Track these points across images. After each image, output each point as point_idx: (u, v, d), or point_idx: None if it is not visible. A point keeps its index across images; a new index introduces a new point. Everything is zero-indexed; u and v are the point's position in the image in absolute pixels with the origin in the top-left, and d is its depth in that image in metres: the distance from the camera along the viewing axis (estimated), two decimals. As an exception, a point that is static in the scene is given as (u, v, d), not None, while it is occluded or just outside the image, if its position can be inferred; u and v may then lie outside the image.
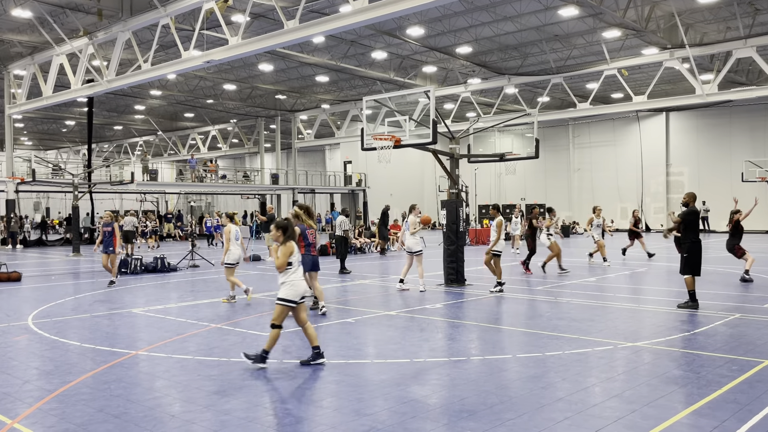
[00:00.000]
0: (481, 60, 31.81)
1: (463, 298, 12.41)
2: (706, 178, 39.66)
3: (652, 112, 41.07)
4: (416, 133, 14.65)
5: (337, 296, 12.89)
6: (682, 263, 10.62)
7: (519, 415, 5.39)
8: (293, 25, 17.49)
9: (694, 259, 10.49)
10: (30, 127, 52.02)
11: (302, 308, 7.10)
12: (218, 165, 47.80)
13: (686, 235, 10.57)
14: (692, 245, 10.51)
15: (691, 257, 10.49)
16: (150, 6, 21.33)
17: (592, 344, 8.07)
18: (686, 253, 10.53)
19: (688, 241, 10.54)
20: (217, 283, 14.99)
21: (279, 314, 6.98)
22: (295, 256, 7.04)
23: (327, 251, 23.32)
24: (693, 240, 10.52)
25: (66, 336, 8.63)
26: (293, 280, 7.00)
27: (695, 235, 10.54)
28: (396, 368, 7.01)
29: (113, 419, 5.38)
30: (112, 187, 35.54)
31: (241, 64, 32.19)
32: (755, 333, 8.59)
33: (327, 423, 5.26)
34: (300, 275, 7.11)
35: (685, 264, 10.53)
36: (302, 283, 7.07)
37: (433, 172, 46.59)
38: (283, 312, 6.98)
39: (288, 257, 6.97)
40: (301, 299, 7.05)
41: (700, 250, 10.56)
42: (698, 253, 10.54)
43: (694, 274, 10.51)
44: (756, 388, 6.05)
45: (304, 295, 7.10)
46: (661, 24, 26.05)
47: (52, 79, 26.13)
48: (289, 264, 7.00)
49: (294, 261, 7.04)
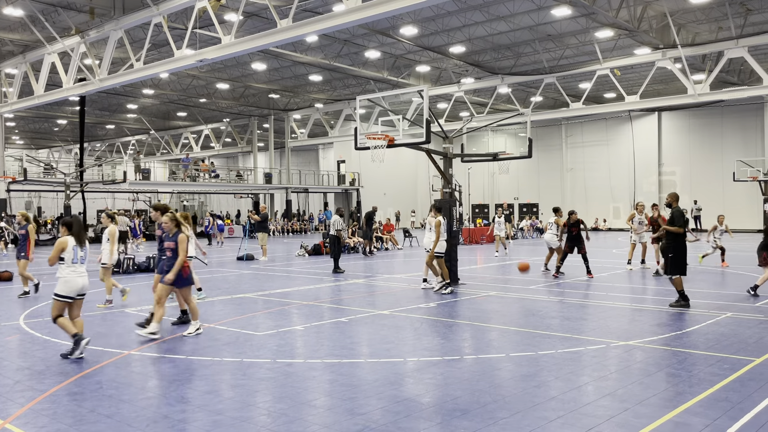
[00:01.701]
0: (475, 59, 31.85)
1: (457, 297, 12.42)
2: (698, 178, 39.87)
3: (644, 112, 41.25)
4: (410, 133, 14.67)
5: (331, 296, 12.89)
6: (668, 264, 10.67)
7: (512, 413, 5.40)
8: (286, 24, 17.45)
9: (679, 259, 10.55)
10: (21, 126, 51.74)
11: (78, 304, 7.49)
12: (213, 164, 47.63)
13: (671, 236, 10.61)
14: (678, 246, 10.57)
15: (676, 257, 10.54)
16: (142, 4, 21.24)
17: (585, 343, 8.10)
18: (671, 254, 10.58)
19: (674, 242, 10.58)
20: (210, 282, 14.95)
21: (55, 308, 7.39)
22: (68, 252, 7.32)
23: (321, 251, 23.37)
24: (679, 241, 10.58)
25: (58, 336, 8.58)
26: (67, 276, 7.30)
27: (681, 235, 10.59)
28: (389, 367, 7.01)
29: (105, 419, 5.36)
30: (104, 186, 35.40)
31: (234, 63, 32.12)
32: (746, 332, 8.64)
33: (320, 422, 5.25)
34: (78, 272, 7.37)
35: (672, 265, 10.58)
36: (79, 280, 7.36)
37: (426, 171, 46.65)
38: (58, 307, 7.39)
39: (59, 252, 7.29)
40: (80, 295, 7.41)
41: (685, 250, 10.62)
42: (684, 252, 10.60)
43: (681, 273, 10.57)
44: (747, 387, 6.09)
45: (82, 292, 7.43)
46: (653, 24, 26.15)
47: (44, 78, 26.00)
48: (61, 259, 7.32)
49: (66, 257, 7.32)
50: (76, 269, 7.40)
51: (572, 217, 15.70)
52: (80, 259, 7.47)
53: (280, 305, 11.51)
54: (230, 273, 17.51)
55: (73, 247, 7.40)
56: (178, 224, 8.64)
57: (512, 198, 47.18)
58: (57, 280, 7.43)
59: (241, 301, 12.06)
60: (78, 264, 7.44)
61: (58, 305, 7.38)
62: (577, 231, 15.52)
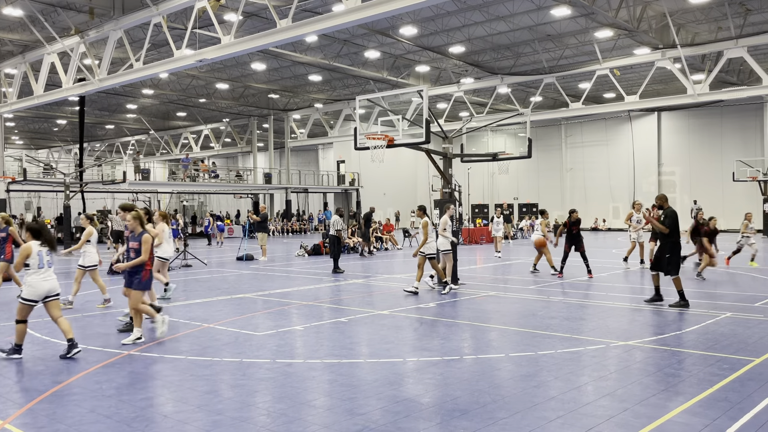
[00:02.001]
0: (474, 59, 31.85)
1: (456, 297, 12.42)
2: (698, 178, 39.87)
3: (643, 112, 41.24)
4: (409, 133, 14.67)
5: (330, 296, 12.88)
6: (665, 264, 10.69)
7: (512, 414, 5.40)
8: (286, 24, 17.45)
9: (676, 258, 10.61)
10: (21, 126, 51.71)
11: (52, 306, 7.53)
12: (214, 164, 47.62)
13: (667, 236, 10.66)
14: (674, 245, 10.63)
15: (673, 257, 10.59)
16: (142, 4, 21.22)
17: (585, 343, 8.10)
18: (669, 254, 10.63)
19: (670, 242, 10.64)
20: (210, 283, 14.95)
21: (20, 311, 7.50)
22: (32, 258, 7.41)
23: (320, 251, 23.36)
24: (674, 240, 10.63)
25: (57, 336, 8.57)
26: (32, 281, 7.42)
27: (677, 235, 10.66)
28: (389, 367, 7.00)
29: (105, 419, 5.36)
30: (104, 186, 35.38)
31: (234, 63, 32.11)
32: (746, 331, 8.64)
33: (320, 423, 5.25)
34: (44, 277, 7.45)
35: (669, 264, 10.63)
36: (44, 284, 7.44)
37: (426, 171, 46.61)
38: (23, 310, 7.49)
39: (25, 259, 7.40)
40: (46, 298, 7.48)
41: (680, 250, 10.68)
42: (679, 252, 10.67)
43: (676, 273, 10.63)
44: (747, 387, 6.09)
45: (49, 295, 7.48)
46: (652, 24, 26.15)
47: (44, 78, 25.97)
48: (26, 265, 7.43)
49: (32, 262, 7.41)
50: (41, 273, 7.46)
51: (573, 216, 15.79)
52: (47, 263, 7.53)
53: (279, 305, 11.51)
54: (230, 273, 17.50)
55: (37, 252, 7.46)
56: (143, 223, 8.67)
57: (512, 198, 47.17)
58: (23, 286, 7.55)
59: (240, 301, 12.06)
60: (44, 269, 7.49)
61: (23, 308, 7.51)
62: (577, 230, 15.61)
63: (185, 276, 16.75)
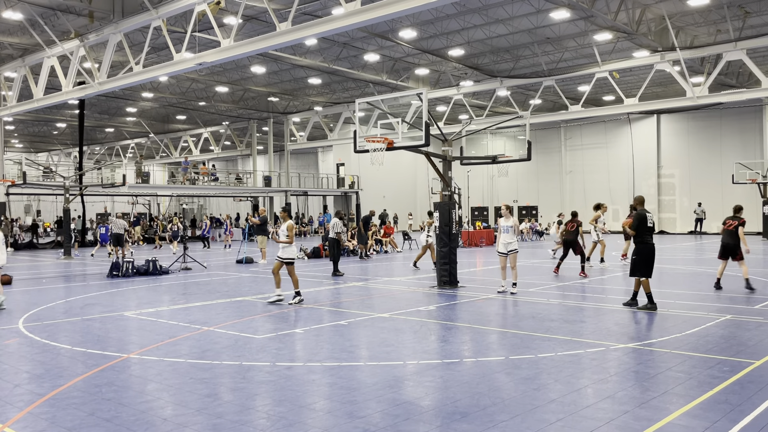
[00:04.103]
0: (474, 62, 31.89)
1: (456, 300, 12.41)
2: (697, 180, 39.87)
3: (643, 115, 41.26)
4: (409, 136, 14.64)
5: (330, 299, 12.88)
6: (632, 265, 10.80)
7: (512, 416, 5.40)
8: (285, 27, 17.47)
9: (644, 260, 10.66)
10: (21, 130, 51.72)
11: None
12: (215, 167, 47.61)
13: (635, 238, 10.78)
14: (643, 247, 10.69)
15: (640, 258, 10.66)
16: (141, 8, 21.25)
17: (585, 346, 8.09)
18: (635, 255, 10.72)
19: (638, 243, 10.74)
20: (209, 286, 14.94)
21: None
22: None
23: (320, 253, 23.35)
24: (644, 242, 10.70)
25: (57, 339, 8.57)
26: None
27: (648, 236, 10.73)
28: (389, 370, 7.00)
29: (104, 423, 5.35)
30: (103, 189, 35.37)
31: (234, 66, 32.13)
32: (746, 334, 8.64)
33: (320, 426, 5.24)
34: None
35: (633, 266, 10.74)
36: None
37: (425, 174, 46.62)
38: None
39: None
40: None
41: (651, 252, 10.69)
42: (649, 254, 10.67)
43: (646, 275, 10.67)
44: (747, 389, 6.08)
45: None
46: (652, 27, 26.19)
47: (43, 82, 25.98)
48: None
49: None
50: None
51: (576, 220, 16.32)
52: None
53: (279, 308, 11.50)
54: (229, 276, 17.49)
55: None
56: None
57: (511, 200, 47.16)
58: None
59: (240, 304, 12.05)
60: None
61: None
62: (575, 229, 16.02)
63: (185, 279, 16.74)
